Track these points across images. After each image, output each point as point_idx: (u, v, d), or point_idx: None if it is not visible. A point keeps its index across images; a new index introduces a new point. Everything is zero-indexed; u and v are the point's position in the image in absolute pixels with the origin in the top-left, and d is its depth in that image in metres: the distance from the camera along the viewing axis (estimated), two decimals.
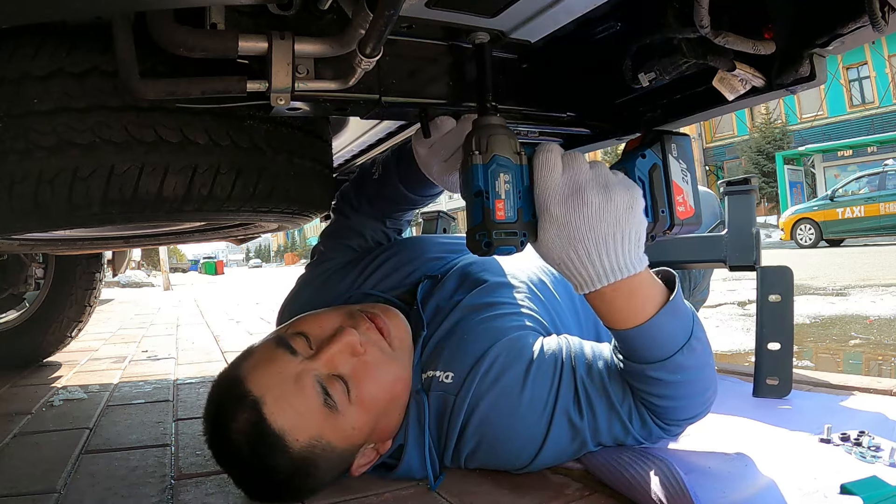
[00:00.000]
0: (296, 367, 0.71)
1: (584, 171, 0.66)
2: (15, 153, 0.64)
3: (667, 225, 0.72)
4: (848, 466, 0.75)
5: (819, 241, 11.17)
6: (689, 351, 0.72)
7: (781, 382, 1.13)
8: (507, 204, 0.64)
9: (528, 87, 0.84)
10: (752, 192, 1.25)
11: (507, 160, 0.65)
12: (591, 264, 0.66)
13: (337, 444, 0.72)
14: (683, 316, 0.72)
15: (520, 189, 0.65)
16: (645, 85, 0.77)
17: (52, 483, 0.88)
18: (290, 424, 0.68)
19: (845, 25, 0.61)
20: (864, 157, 16.25)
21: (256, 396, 0.69)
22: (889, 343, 2.18)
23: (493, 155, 0.64)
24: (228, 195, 0.73)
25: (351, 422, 0.72)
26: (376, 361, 0.76)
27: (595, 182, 0.65)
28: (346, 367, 0.73)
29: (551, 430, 0.77)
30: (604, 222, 0.64)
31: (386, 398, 0.76)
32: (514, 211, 0.64)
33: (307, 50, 0.61)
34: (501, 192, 0.64)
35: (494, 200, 0.63)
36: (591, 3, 0.69)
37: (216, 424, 0.72)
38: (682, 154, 0.73)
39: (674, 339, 0.71)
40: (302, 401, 0.69)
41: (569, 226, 0.65)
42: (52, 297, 1.98)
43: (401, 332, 0.82)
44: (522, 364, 0.79)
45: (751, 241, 1.22)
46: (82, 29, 0.65)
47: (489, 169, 0.64)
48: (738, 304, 3.50)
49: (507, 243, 0.64)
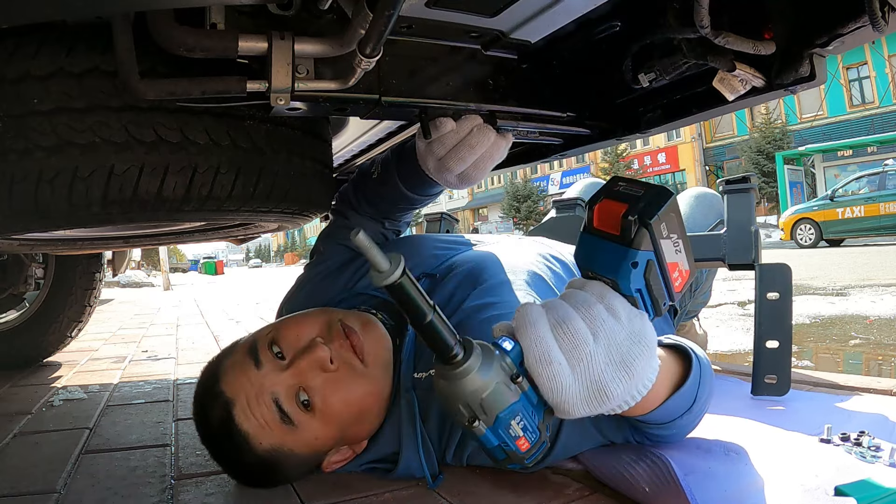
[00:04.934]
0: (258, 380, 0.74)
1: (594, 358, 0.54)
2: (15, 153, 0.64)
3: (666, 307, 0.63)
4: (848, 466, 0.75)
5: (819, 241, 11.17)
6: (688, 414, 0.73)
7: (780, 381, 1.13)
8: (528, 435, 0.57)
9: (528, 87, 0.84)
10: (751, 190, 1.25)
11: (510, 407, 0.55)
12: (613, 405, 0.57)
13: (299, 451, 0.76)
14: (690, 388, 0.69)
15: (531, 410, 0.57)
16: (645, 85, 0.77)
17: (52, 483, 0.88)
18: (254, 431, 0.73)
19: (845, 25, 0.61)
20: (864, 157, 16.26)
21: (227, 398, 0.74)
22: (889, 343, 2.18)
23: (497, 416, 0.55)
24: (228, 195, 0.73)
25: (313, 433, 0.75)
26: (345, 378, 0.76)
27: (610, 365, 0.54)
28: (316, 380, 0.75)
29: (561, 433, 0.77)
30: (629, 391, 0.55)
31: (353, 412, 0.77)
32: (536, 431, 0.58)
33: (307, 50, 0.61)
34: (518, 433, 0.57)
35: (515, 442, 0.57)
36: (591, 3, 0.69)
37: (198, 411, 0.79)
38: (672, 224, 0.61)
39: (677, 409, 0.71)
40: (261, 414, 0.73)
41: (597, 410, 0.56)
42: (52, 297, 1.98)
43: (376, 348, 0.81)
44: None
45: (750, 239, 1.22)
46: (82, 29, 0.65)
47: (498, 430, 0.56)
48: (738, 304, 3.50)
49: (539, 456, 0.60)
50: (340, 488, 0.80)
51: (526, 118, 0.86)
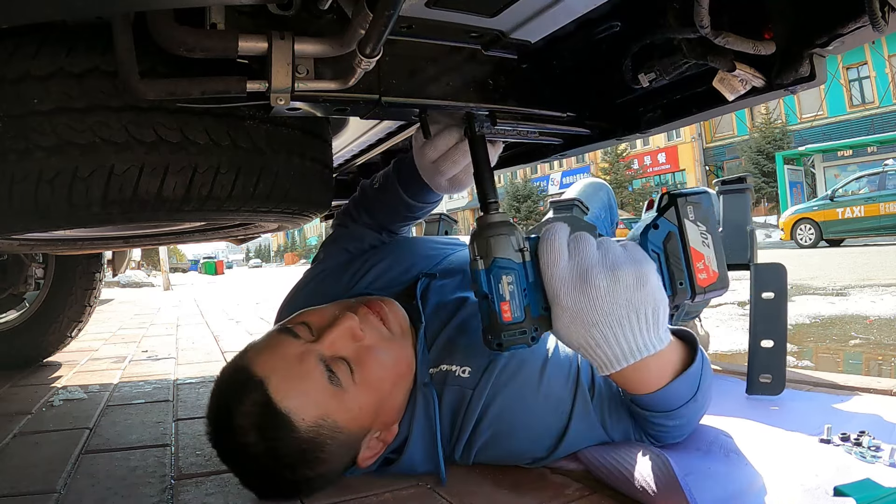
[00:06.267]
0: (299, 348, 0.72)
1: (590, 254, 0.64)
2: (15, 153, 0.64)
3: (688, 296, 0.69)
4: (848, 466, 0.75)
5: (819, 241, 11.17)
6: (692, 403, 0.74)
7: (775, 380, 1.13)
8: (513, 304, 0.63)
9: (528, 86, 0.84)
10: (746, 190, 1.25)
11: (509, 261, 0.64)
12: (609, 348, 0.64)
13: (343, 424, 0.72)
14: (693, 376, 0.73)
15: (525, 286, 0.64)
16: (645, 85, 0.77)
17: (52, 483, 0.88)
18: (297, 403, 0.68)
19: (845, 25, 0.61)
20: (864, 157, 16.26)
21: (262, 377, 0.69)
22: (889, 343, 2.18)
23: (494, 259, 0.63)
24: (228, 195, 0.73)
25: (357, 401, 0.73)
26: (377, 344, 0.77)
27: (601, 264, 0.63)
28: (348, 350, 0.74)
29: (570, 427, 0.79)
30: (615, 304, 0.62)
31: (390, 378, 0.77)
32: (521, 310, 0.64)
33: (307, 50, 0.61)
34: (506, 294, 0.63)
35: (500, 303, 0.63)
36: (591, 3, 0.69)
37: (221, 414, 0.71)
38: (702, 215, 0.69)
39: (682, 397, 0.73)
40: (307, 380, 0.70)
41: (581, 313, 0.63)
42: (52, 297, 1.98)
43: (398, 318, 0.83)
44: (538, 361, 0.81)
45: (745, 239, 1.23)
46: (82, 29, 0.65)
47: (491, 273, 0.63)
48: (738, 303, 3.50)
49: (517, 342, 0.64)
50: (340, 488, 0.80)
51: (526, 118, 0.86)
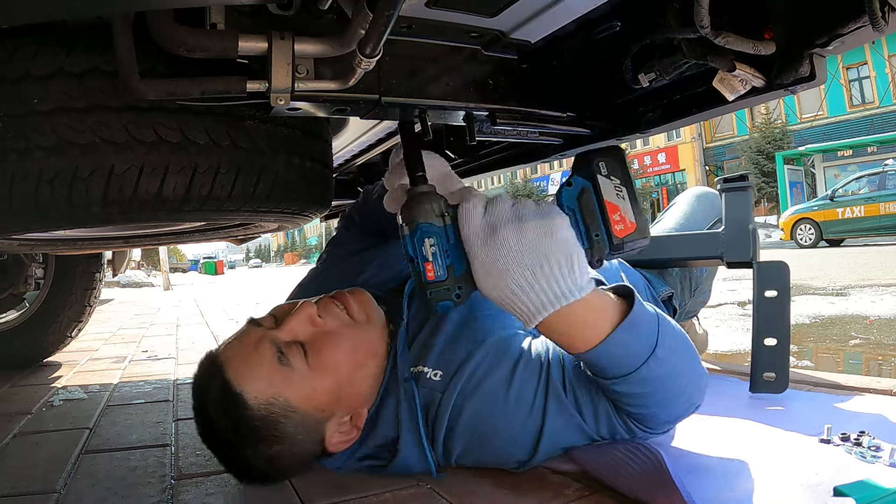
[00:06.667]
0: (258, 335, 0.78)
1: (503, 211, 0.68)
2: (15, 153, 0.64)
3: (606, 248, 0.72)
4: (848, 466, 0.75)
5: (819, 241, 11.17)
6: (654, 362, 0.71)
7: (778, 378, 1.13)
8: (436, 264, 0.69)
9: (528, 87, 0.84)
10: (748, 188, 1.25)
11: (430, 225, 0.69)
12: (526, 296, 0.66)
13: (296, 403, 0.75)
14: (646, 328, 0.71)
15: (446, 248, 0.69)
16: (645, 85, 0.77)
17: (52, 483, 0.88)
18: (249, 382, 0.74)
19: (845, 25, 0.61)
20: (864, 157, 16.25)
21: (222, 362, 0.76)
22: (889, 343, 2.18)
23: (417, 224, 0.69)
24: (228, 195, 0.73)
25: (310, 383, 0.76)
26: (336, 330, 0.80)
27: (510, 218, 0.67)
28: (306, 334, 0.79)
29: (546, 426, 0.78)
30: (523, 253, 0.65)
31: (347, 362, 0.79)
32: (444, 269, 0.69)
33: (307, 50, 0.61)
34: (428, 255, 0.69)
35: (423, 263, 0.69)
36: (591, 3, 0.69)
37: (196, 401, 0.78)
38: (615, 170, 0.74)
39: (635, 354, 0.70)
40: (258, 361, 0.75)
41: (494, 265, 0.66)
42: (52, 297, 1.98)
43: (365, 306, 0.85)
44: (508, 365, 0.80)
45: (747, 237, 1.22)
46: (82, 29, 0.65)
47: (414, 237, 0.69)
48: (738, 303, 3.50)
49: (442, 298, 0.69)
50: (340, 488, 0.80)
51: (526, 118, 0.86)
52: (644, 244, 0.74)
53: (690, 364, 0.76)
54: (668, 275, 1.43)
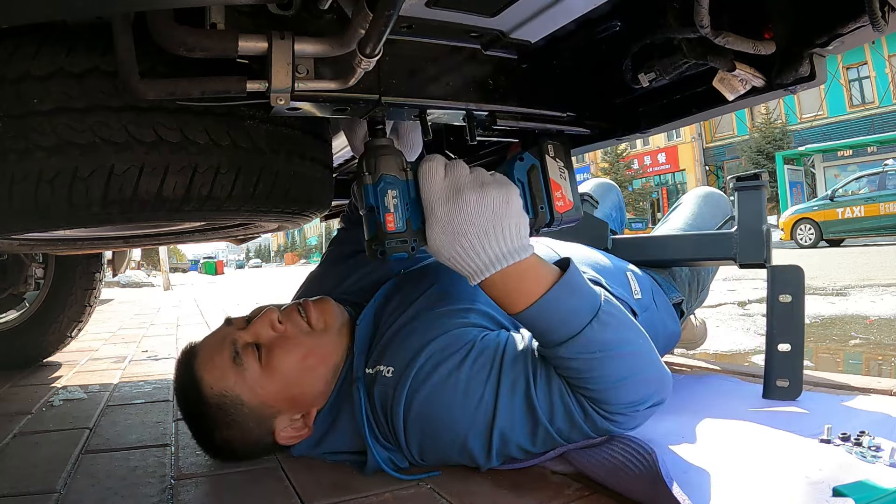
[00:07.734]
0: (224, 333, 0.88)
1: (464, 175, 0.73)
2: (15, 153, 0.64)
3: (547, 218, 0.82)
4: (848, 466, 0.75)
5: (819, 241, 11.16)
6: (598, 325, 0.73)
7: (792, 384, 1.10)
8: (396, 216, 0.72)
9: (528, 86, 0.84)
10: (762, 187, 1.20)
11: (394, 177, 0.72)
12: (476, 255, 0.72)
13: (246, 399, 0.83)
14: (586, 293, 0.75)
15: (407, 201, 0.73)
16: (645, 85, 0.77)
17: (52, 483, 0.88)
18: (207, 373, 0.84)
19: (845, 25, 0.61)
20: (864, 157, 16.25)
21: (196, 351, 0.88)
22: (889, 343, 2.18)
23: (381, 175, 0.71)
24: (228, 195, 0.73)
25: (259, 382, 0.84)
26: (292, 335, 0.87)
27: (473, 183, 0.72)
28: (266, 338, 0.86)
29: (497, 416, 0.76)
30: (482, 217, 0.71)
31: (296, 367, 0.85)
32: (403, 222, 0.72)
33: (307, 50, 0.61)
34: (390, 206, 0.71)
35: (384, 214, 0.71)
36: (591, 3, 0.69)
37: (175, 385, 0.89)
38: (560, 153, 0.83)
39: (577, 315, 0.73)
40: (220, 357, 0.84)
41: (452, 223, 0.71)
42: (52, 297, 1.98)
43: (325, 315, 0.90)
44: (458, 357, 0.79)
45: (761, 238, 1.19)
46: (82, 29, 0.65)
47: (378, 187, 0.71)
48: (738, 304, 3.50)
49: (399, 250, 0.72)
50: (340, 488, 0.80)
51: (526, 118, 0.86)
52: (577, 220, 0.84)
53: (643, 347, 0.77)
54: (679, 277, 1.41)
